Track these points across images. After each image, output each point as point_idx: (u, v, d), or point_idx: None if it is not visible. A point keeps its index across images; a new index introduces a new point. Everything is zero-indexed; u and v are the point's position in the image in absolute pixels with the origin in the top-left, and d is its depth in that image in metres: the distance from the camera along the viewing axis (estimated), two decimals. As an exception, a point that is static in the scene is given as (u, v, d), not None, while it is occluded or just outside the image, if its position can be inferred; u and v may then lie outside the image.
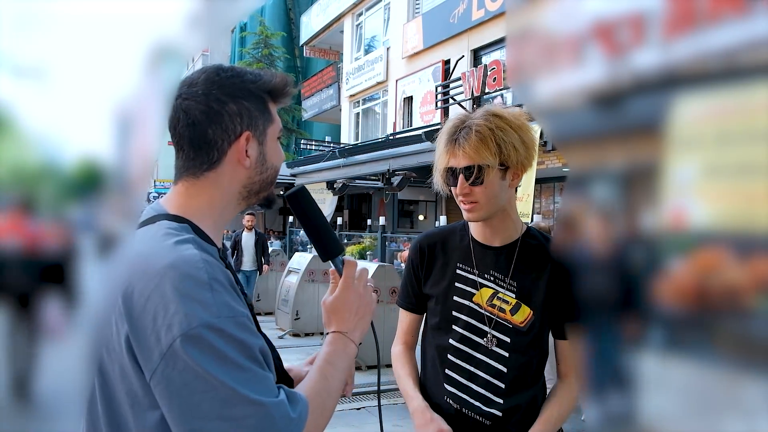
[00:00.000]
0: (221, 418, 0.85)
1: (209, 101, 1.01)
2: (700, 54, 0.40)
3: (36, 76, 0.46)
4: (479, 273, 1.65)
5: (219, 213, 1.07)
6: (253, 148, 1.05)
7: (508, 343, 1.60)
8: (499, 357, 1.60)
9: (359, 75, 18.22)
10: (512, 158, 1.53)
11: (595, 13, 0.46)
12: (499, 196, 1.58)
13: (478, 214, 1.59)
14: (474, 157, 1.51)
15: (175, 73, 0.58)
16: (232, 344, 0.87)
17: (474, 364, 1.62)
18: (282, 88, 1.10)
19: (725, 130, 0.39)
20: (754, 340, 0.39)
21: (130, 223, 0.93)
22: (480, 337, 1.62)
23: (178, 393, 0.85)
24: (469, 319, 1.64)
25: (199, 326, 0.85)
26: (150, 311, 0.87)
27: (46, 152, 0.47)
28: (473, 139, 1.51)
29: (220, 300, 0.89)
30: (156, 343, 0.86)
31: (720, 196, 0.40)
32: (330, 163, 13.07)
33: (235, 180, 1.06)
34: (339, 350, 1.14)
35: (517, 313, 1.60)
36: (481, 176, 1.52)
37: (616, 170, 0.47)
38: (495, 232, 1.66)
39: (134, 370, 0.89)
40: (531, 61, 0.51)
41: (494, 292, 1.63)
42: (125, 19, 0.51)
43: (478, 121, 1.53)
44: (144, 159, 0.55)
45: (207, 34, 0.58)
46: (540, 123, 2.23)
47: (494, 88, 10.39)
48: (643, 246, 0.44)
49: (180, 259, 0.91)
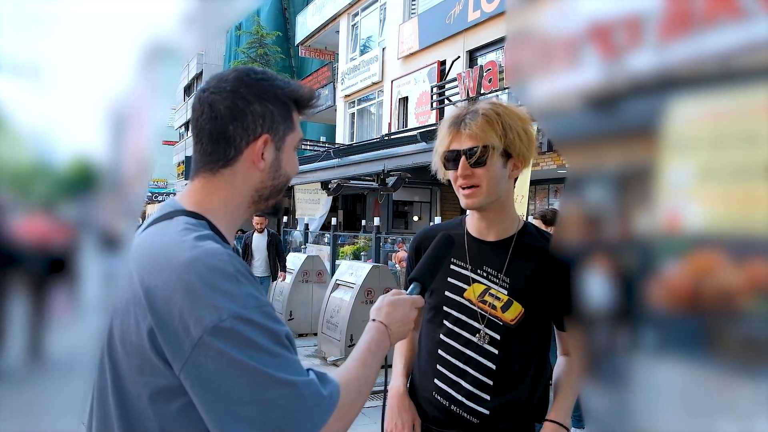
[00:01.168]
0: (255, 401, 0.87)
1: (235, 98, 1.03)
2: (695, 56, 0.40)
3: (30, 75, 0.46)
4: (472, 268, 1.65)
5: (232, 213, 1.08)
6: (270, 152, 1.07)
7: (498, 340, 1.60)
8: (489, 354, 1.60)
9: (354, 75, 18.21)
10: (516, 145, 1.55)
11: (592, 15, 0.46)
12: (500, 183, 1.58)
13: (477, 200, 1.58)
14: (480, 136, 1.52)
15: (170, 72, 0.58)
16: (262, 332, 0.89)
17: (464, 361, 1.62)
18: (308, 99, 1.12)
19: (720, 133, 0.39)
20: (749, 343, 0.39)
21: (127, 221, 0.93)
22: (471, 334, 1.62)
23: (211, 380, 0.87)
24: (460, 314, 1.64)
25: (229, 318, 0.87)
26: (176, 303, 0.88)
27: (39, 150, 0.47)
28: (480, 120, 1.53)
29: (246, 291, 0.91)
30: (186, 335, 0.87)
31: (715, 199, 0.40)
32: (325, 163, 13.06)
33: (249, 181, 1.07)
34: (379, 340, 1.18)
35: (508, 311, 1.60)
36: (485, 157, 1.53)
37: (612, 172, 0.47)
38: (491, 226, 1.66)
39: (159, 362, 0.90)
40: (528, 62, 0.51)
41: (486, 288, 1.62)
42: (120, 18, 0.51)
43: (485, 106, 1.57)
44: (138, 158, 0.55)
45: (202, 33, 0.58)
46: (538, 123, 2.24)
47: (490, 89, 10.41)
48: (638, 248, 0.44)
49: (205, 252, 0.92)
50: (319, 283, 8.70)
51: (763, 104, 0.37)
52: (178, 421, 0.91)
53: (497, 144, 1.53)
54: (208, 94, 1.04)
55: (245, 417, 0.86)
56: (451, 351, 1.64)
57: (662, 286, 0.42)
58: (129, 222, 0.94)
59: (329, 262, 10.73)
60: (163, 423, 0.91)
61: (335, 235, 11.70)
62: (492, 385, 1.59)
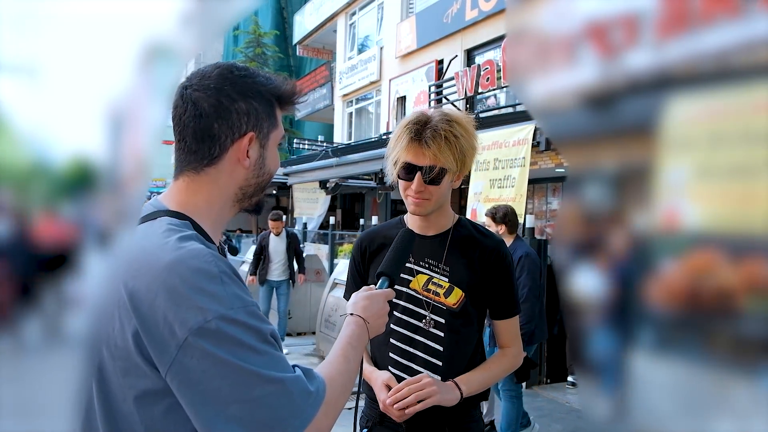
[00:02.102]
0: (242, 400, 0.87)
1: (220, 96, 1.02)
2: (692, 55, 0.40)
3: (27, 74, 0.46)
4: (415, 261, 1.78)
5: (217, 212, 1.08)
6: (255, 150, 1.06)
7: (443, 323, 1.74)
8: (435, 337, 1.74)
9: (352, 74, 18.20)
10: (466, 164, 1.69)
11: (589, 14, 0.46)
12: (446, 195, 1.74)
13: (425, 209, 1.71)
14: (439, 159, 1.62)
15: (169, 72, 0.58)
16: (247, 331, 0.89)
17: (413, 346, 1.76)
18: (291, 95, 1.12)
19: (717, 131, 0.40)
20: (744, 342, 0.39)
21: (126, 221, 0.93)
22: (418, 320, 1.76)
23: (198, 381, 0.86)
24: (407, 304, 1.77)
25: (214, 319, 0.87)
26: (160, 306, 0.88)
27: (37, 150, 0.47)
28: (441, 142, 1.62)
29: (231, 292, 0.91)
30: (171, 337, 0.87)
31: (712, 198, 0.40)
32: (323, 162, 13.05)
33: (234, 180, 1.06)
34: (359, 334, 1.20)
35: (450, 296, 1.74)
36: (441, 178, 1.65)
37: (609, 171, 0.47)
38: (430, 224, 1.80)
39: (144, 365, 0.89)
40: (526, 61, 0.51)
41: (429, 278, 1.77)
42: (118, 17, 0.51)
43: (444, 126, 1.64)
44: (137, 157, 0.55)
45: (200, 34, 0.58)
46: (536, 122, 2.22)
47: (487, 88, 10.41)
48: (635, 247, 0.44)
49: (188, 254, 0.92)
50: (318, 282, 8.71)
51: (760, 103, 0.37)
52: (163, 423, 0.91)
53: (453, 168, 1.65)
54: (191, 92, 1.02)
55: (233, 416, 0.86)
56: (401, 338, 1.77)
57: (659, 285, 0.42)
58: (124, 221, 0.94)
59: (327, 261, 10.73)
60: (148, 425, 0.91)
61: (333, 234, 11.70)
62: (441, 365, 1.73)
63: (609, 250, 0.46)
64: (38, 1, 0.47)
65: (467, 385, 1.70)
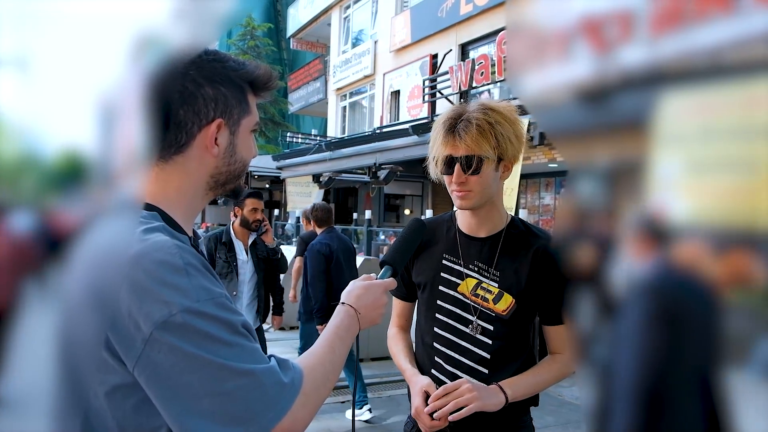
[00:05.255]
0: (213, 394, 0.85)
1: (185, 81, 0.98)
2: (686, 51, 0.40)
3: (17, 67, 0.45)
4: (464, 264, 1.72)
5: (189, 201, 1.06)
6: (224, 137, 1.04)
7: (492, 330, 1.67)
8: (482, 344, 1.68)
9: (346, 68, 18.13)
10: (508, 152, 1.62)
11: (584, 10, 0.46)
12: (492, 186, 1.65)
13: (470, 202, 1.65)
14: (474, 148, 1.58)
15: (158, 65, 0.57)
16: (216, 323, 0.88)
17: (459, 351, 1.69)
18: (265, 80, 1.09)
19: (709, 127, 0.40)
20: (728, 334, 0.39)
21: (118, 214, 0.92)
22: (464, 326, 1.69)
23: (166, 376, 0.85)
24: (454, 308, 1.71)
25: (179, 312, 0.85)
26: (124, 300, 0.86)
27: (27, 143, 0.47)
28: (474, 131, 1.57)
29: (197, 284, 0.89)
30: (137, 331, 0.85)
31: (701, 192, 0.40)
32: (316, 156, 13.01)
33: (203, 168, 1.04)
34: (349, 324, 1.17)
35: (499, 302, 1.67)
36: (480, 167, 1.59)
37: (602, 165, 0.47)
38: (481, 223, 1.73)
39: (112, 360, 0.88)
40: (521, 55, 0.51)
41: (478, 282, 1.70)
42: (110, 10, 0.51)
43: (477, 115, 1.59)
44: (129, 150, 0.54)
45: (193, 29, 0.57)
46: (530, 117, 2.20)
47: (481, 83, 10.40)
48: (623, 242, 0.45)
49: (151, 246, 0.89)
50: (311, 277, 8.68)
51: (752, 98, 0.37)
52: (135, 417, 0.90)
53: (491, 155, 1.59)
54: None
55: (204, 411, 0.85)
56: (446, 343, 1.71)
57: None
58: (115, 214, 0.93)
59: (321, 256, 10.69)
60: (120, 420, 0.90)
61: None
62: (487, 373, 1.66)
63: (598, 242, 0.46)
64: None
65: (513, 389, 1.61)
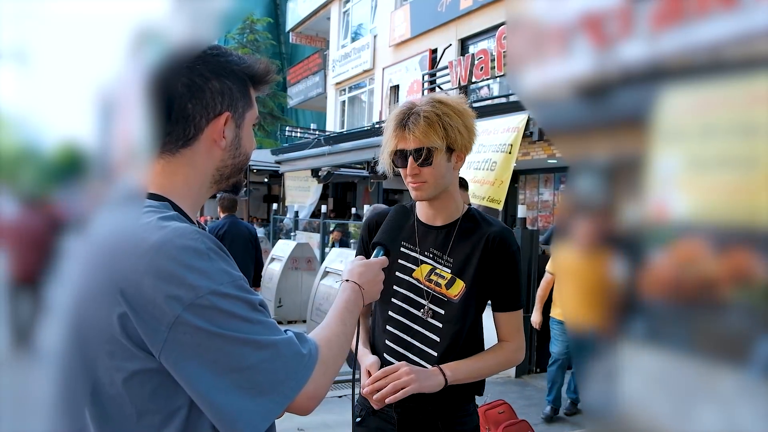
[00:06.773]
0: (238, 369, 0.90)
1: (192, 75, 1.00)
2: (686, 47, 0.40)
3: (17, 60, 0.45)
4: (420, 251, 1.81)
5: (195, 193, 1.08)
6: (231, 130, 1.06)
7: (442, 314, 1.75)
8: (433, 327, 1.76)
9: (346, 63, 18.09)
10: (458, 142, 1.69)
11: (584, 5, 0.46)
12: (445, 176, 1.73)
13: (425, 193, 1.73)
14: (423, 140, 1.65)
15: (158, 58, 0.57)
16: (238, 303, 0.92)
17: (411, 335, 1.78)
18: (264, 74, 1.11)
19: (709, 123, 0.40)
20: (728, 331, 0.39)
21: (117, 206, 0.92)
22: (417, 309, 1.78)
23: (193, 356, 0.88)
24: (408, 292, 1.79)
25: (205, 295, 0.89)
26: (149, 287, 0.88)
27: (26, 136, 0.47)
28: (422, 123, 1.64)
29: (219, 267, 0.93)
30: (162, 316, 0.88)
31: (701, 189, 0.40)
32: (315, 150, 13.00)
33: (210, 161, 1.06)
34: (355, 299, 1.24)
35: (452, 287, 1.76)
36: (430, 158, 1.67)
37: (602, 162, 0.47)
38: (437, 213, 1.82)
39: (131, 346, 0.90)
40: (520, 50, 0.51)
41: (432, 268, 1.79)
42: (109, 3, 0.51)
43: (426, 108, 1.67)
44: (128, 143, 0.54)
45: (193, 22, 0.57)
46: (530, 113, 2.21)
47: (481, 78, 10.38)
48: (625, 238, 0.45)
49: (173, 233, 0.92)
50: (309, 271, 8.70)
51: (752, 95, 0.37)
52: (153, 401, 0.92)
53: (440, 145, 1.66)
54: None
55: (231, 386, 0.89)
56: (398, 326, 1.79)
57: (647, 275, 0.43)
58: (114, 207, 0.93)
59: (319, 250, 10.72)
60: (139, 404, 0.92)
61: (325, 223, 11.69)
62: (436, 356, 1.73)
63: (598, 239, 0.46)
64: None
65: (453, 371, 1.68)
